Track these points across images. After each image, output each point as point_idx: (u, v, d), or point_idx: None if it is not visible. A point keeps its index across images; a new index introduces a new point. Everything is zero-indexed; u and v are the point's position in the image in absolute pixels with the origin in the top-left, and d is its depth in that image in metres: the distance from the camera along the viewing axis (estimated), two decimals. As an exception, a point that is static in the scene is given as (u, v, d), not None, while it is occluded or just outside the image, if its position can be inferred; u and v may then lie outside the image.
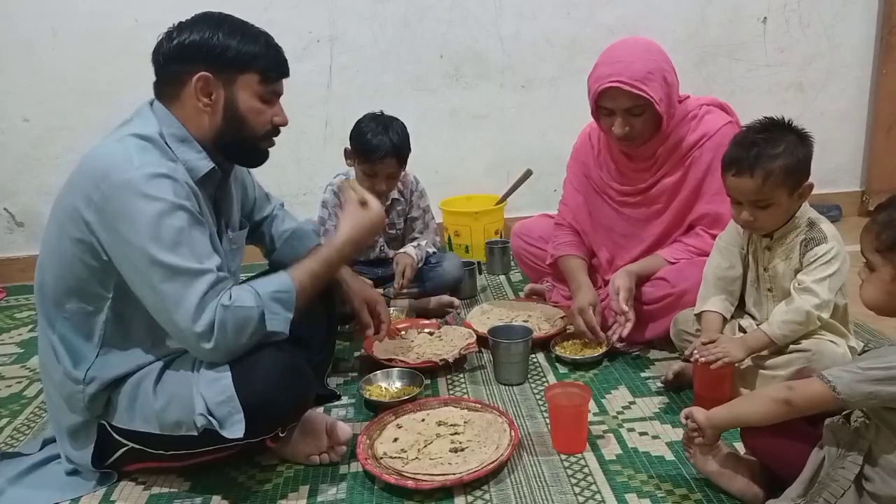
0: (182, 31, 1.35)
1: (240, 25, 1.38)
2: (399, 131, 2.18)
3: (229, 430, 1.30)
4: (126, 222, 1.26)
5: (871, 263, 1.15)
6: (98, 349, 1.37)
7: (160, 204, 1.26)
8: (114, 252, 1.29)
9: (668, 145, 1.91)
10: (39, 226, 2.96)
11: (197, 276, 1.28)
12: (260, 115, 1.40)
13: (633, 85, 1.74)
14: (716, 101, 1.97)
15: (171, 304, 1.27)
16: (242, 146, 1.43)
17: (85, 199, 1.28)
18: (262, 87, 1.38)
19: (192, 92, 1.35)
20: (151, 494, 1.46)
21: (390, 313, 1.82)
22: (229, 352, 1.32)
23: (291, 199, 2.97)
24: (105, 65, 2.79)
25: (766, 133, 1.51)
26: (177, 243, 1.27)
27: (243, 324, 1.30)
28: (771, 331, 1.55)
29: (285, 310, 1.35)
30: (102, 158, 1.30)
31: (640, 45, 1.83)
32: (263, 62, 1.37)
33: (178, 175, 1.31)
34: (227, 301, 1.29)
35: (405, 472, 1.42)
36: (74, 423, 1.43)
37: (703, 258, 1.79)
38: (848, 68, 3.15)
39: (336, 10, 2.88)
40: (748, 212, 1.53)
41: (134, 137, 1.32)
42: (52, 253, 1.37)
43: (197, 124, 1.37)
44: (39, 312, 1.42)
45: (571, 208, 2.17)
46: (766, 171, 1.47)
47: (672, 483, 1.41)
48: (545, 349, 2.01)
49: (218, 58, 1.34)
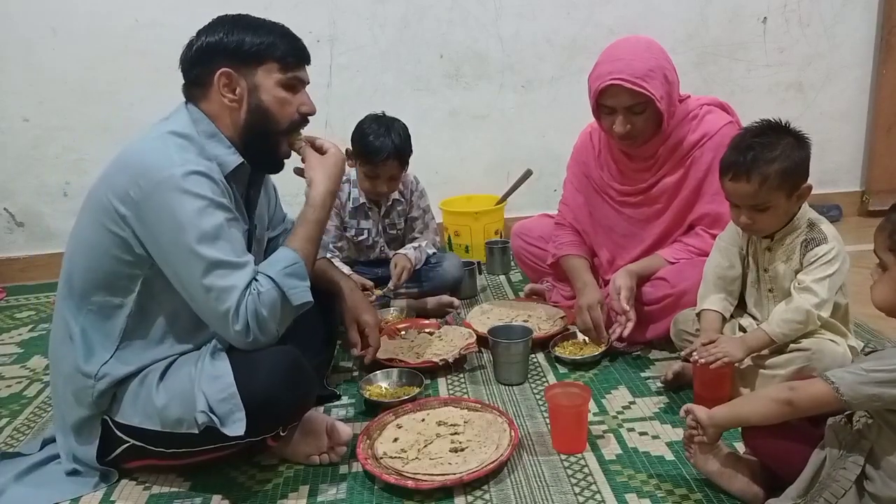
0: (200, 37, 1.41)
1: (253, 21, 1.43)
2: (401, 133, 2.19)
3: (230, 427, 1.30)
4: (168, 218, 1.29)
5: (884, 263, 1.14)
6: (117, 344, 1.39)
7: (200, 201, 1.30)
8: (154, 248, 1.32)
9: (669, 145, 1.91)
10: (39, 226, 2.98)
11: (237, 269, 1.32)
12: (285, 105, 1.43)
13: (633, 82, 1.74)
14: (716, 101, 1.97)
15: (214, 299, 1.31)
16: (266, 142, 1.45)
17: (122, 193, 1.31)
18: (282, 75, 1.42)
19: (217, 90, 1.39)
20: (151, 494, 1.46)
21: (379, 338, 1.80)
22: (272, 337, 1.36)
23: (291, 199, 2.94)
24: (105, 65, 2.79)
25: (762, 137, 1.51)
26: (217, 237, 1.31)
27: (272, 309, 1.33)
28: (771, 330, 1.55)
29: (301, 280, 1.38)
30: (142, 155, 1.33)
31: (640, 43, 1.84)
32: (280, 49, 1.41)
33: (214, 173, 1.34)
34: (255, 290, 1.33)
35: (405, 472, 1.42)
36: (81, 417, 1.43)
37: (703, 258, 1.78)
38: (848, 68, 3.15)
39: (336, 10, 2.88)
40: (746, 215, 1.54)
41: (173, 135, 1.36)
42: (82, 244, 1.39)
43: (225, 122, 1.42)
44: (61, 304, 1.43)
45: (572, 208, 2.17)
46: (763, 176, 1.48)
47: (672, 483, 1.40)
48: (545, 349, 2.01)
49: (235, 52, 1.38)
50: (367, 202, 2.33)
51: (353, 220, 2.35)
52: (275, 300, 1.34)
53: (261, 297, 1.33)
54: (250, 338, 1.33)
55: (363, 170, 2.21)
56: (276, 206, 1.77)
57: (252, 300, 1.32)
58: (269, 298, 1.33)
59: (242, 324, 1.31)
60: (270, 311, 1.33)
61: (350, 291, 1.78)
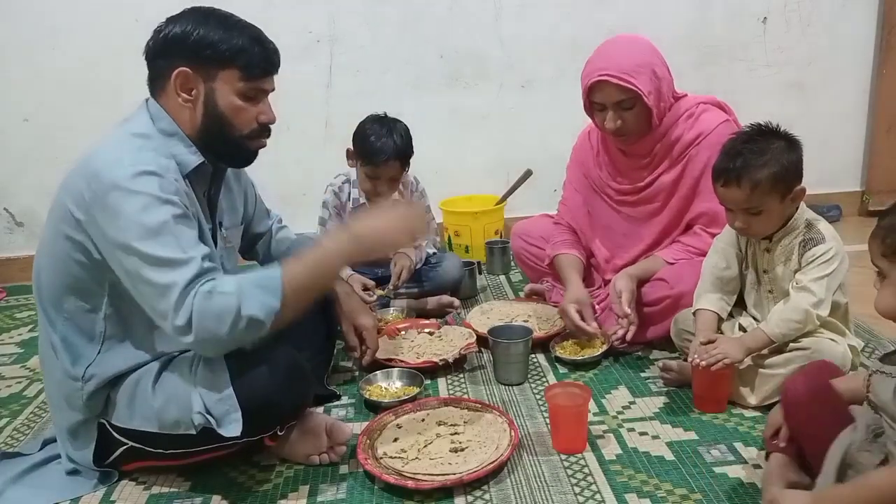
0: (168, 24, 1.36)
1: (225, 19, 1.36)
2: (402, 134, 2.19)
3: (227, 428, 1.30)
4: (112, 218, 1.26)
5: (882, 270, 1.12)
6: (100, 347, 1.38)
7: (144, 198, 1.26)
8: (104, 248, 1.30)
9: (665, 143, 1.92)
10: (39, 226, 2.93)
11: (181, 266, 1.25)
12: (241, 113, 1.38)
13: (620, 78, 1.76)
14: (714, 100, 1.97)
15: (156, 295, 1.26)
16: (226, 144, 1.40)
17: (77, 198, 1.29)
18: (243, 84, 1.36)
19: (173, 87, 1.35)
20: (151, 494, 1.46)
21: (377, 340, 1.77)
22: (217, 343, 1.26)
23: (291, 199, 2.97)
24: (105, 65, 2.79)
25: (751, 143, 1.52)
26: (160, 234, 1.25)
27: (221, 311, 1.24)
28: (769, 330, 1.55)
29: (266, 294, 1.27)
30: (96, 159, 1.31)
31: (629, 40, 1.88)
32: (246, 58, 1.34)
33: (168, 173, 1.31)
34: (208, 288, 1.25)
35: (405, 472, 1.42)
36: (75, 421, 1.43)
37: (702, 258, 1.79)
38: (848, 68, 3.15)
39: (336, 10, 2.88)
40: (741, 219, 1.55)
41: (130, 136, 1.34)
42: (47, 253, 1.38)
43: (184, 120, 1.37)
44: (40, 313, 1.42)
45: (570, 208, 2.17)
46: (753, 182, 1.49)
47: (672, 483, 1.40)
48: (545, 349, 2.01)
49: (197, 52, 1.33)
50: (368, 202, 2.33)
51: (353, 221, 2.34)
52: (227, 304, 1.24)
53: (214, 296, 1.24)
54: (191, 336, 1.24)
55: (364, 170, 2.21)
56: (256, 200, 1.73)
57: (201, 297, 1.24)
58: (222, 301, 1.24)
59: (184, 319, 1.23)
60: (217, 312, 1.24)
61: (346, 296, 1.77)
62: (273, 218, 1.80)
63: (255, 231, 1.74)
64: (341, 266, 1.42)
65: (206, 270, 1.28)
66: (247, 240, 1.73)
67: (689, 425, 1.60)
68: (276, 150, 1.49)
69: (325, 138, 2.98)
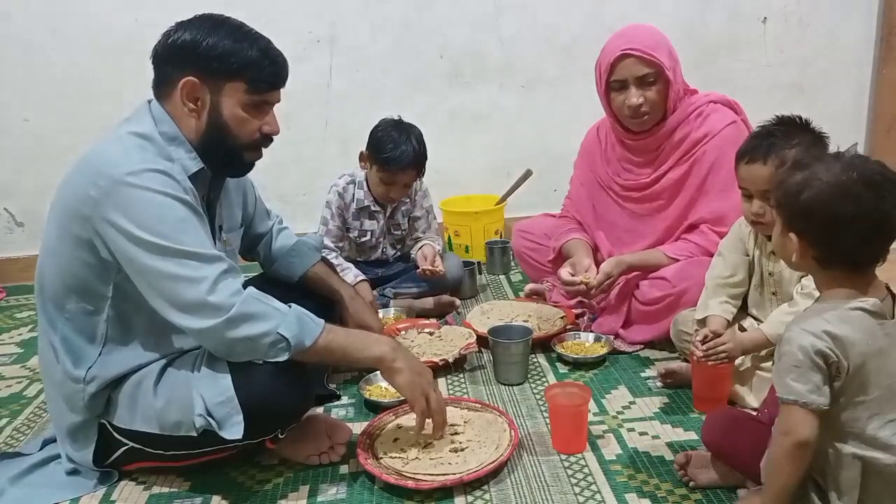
0: (178, 30, 1.35)
1: (236, 30, 1.35)
2: (419, 140, 2.21)
3: (228, 431, 1.30)
4: (129, 214, 1.25)
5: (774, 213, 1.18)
6: (101, 348, 1.38)
7: (161, 196, 1.27)
8: (117, 247, 1.28)
9: (673, 140, 1.93)
10: (39, 226, 2.93)
11: (211, 260, 1.28)
12: (245, 124, 1.38)
13: (643, 51, 1.83)
14: (724, 98, 1.97)
15: (183, 284, 1.26)
16: (225, 153, 1.40)
17: (83, 196, 1.28)
18: (249, 97, 1.36)
19: (179, 94, 1.34)
20: (151, 494, 1.46)
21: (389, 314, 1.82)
22: (232, 336, 1.28)
23: (291, 199, 2.97)
24: (105, 65, 2.79)
25: (783, 126, 1.53)
26: (183, 231, 1.27)
27: (264, 314, 1.29)
28: (768, 331, 1.55)
29: (304, 329, 1.33)
30: (100, 155, 1.30)
31: (644, 25, 1.95)
32: (254, 72, 1.34)
33: (174, 172, 1.31)
34: (258, 295, 1.31)
35: (405, 472, 1.42)
36: (75, 422, 1.43)
37: (705, 258, 1.79)
38: (848, 68, 3.15)
39: (336, 10, 2.88)
40: (758, 204, 1.52)
41: (132, 136, 1.33)
42: (50, 253, 1.37)
43: (187, 126, 1.37)
44: (40, 314, 1.42)
45: (575, 202, 2.20)
46: (780, 159, 1.47)
47: (672, 483, 1.40)
48: (545, 349, 2.01)
49: (206, 63, 1.32)
50: (374, 204, 2.33)
51: (356, 222, 2.35)
52: (271, 314, 1.30)
53: (264, 301, 1.31)
54: (220, 317, 1.25)
55: (380, 175, 2.21)
56: (256, 201, 1.73)
57: (253, 294, 1.30)
58: (269, 309, 1.30)
59: (220, 300, 1.26)
60: (262, 314, 1.29)
61: (351, 299, 1.79)
62: (274, 218, 1.80)
63: (255, 232, 1.75)
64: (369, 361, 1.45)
65: (233, 268, 1.31)
66: (247, 241, 1.73)
67: (689, 425, 1.60)
68: (276, 150, 1.49)
69: (325, 138, 2.97)
